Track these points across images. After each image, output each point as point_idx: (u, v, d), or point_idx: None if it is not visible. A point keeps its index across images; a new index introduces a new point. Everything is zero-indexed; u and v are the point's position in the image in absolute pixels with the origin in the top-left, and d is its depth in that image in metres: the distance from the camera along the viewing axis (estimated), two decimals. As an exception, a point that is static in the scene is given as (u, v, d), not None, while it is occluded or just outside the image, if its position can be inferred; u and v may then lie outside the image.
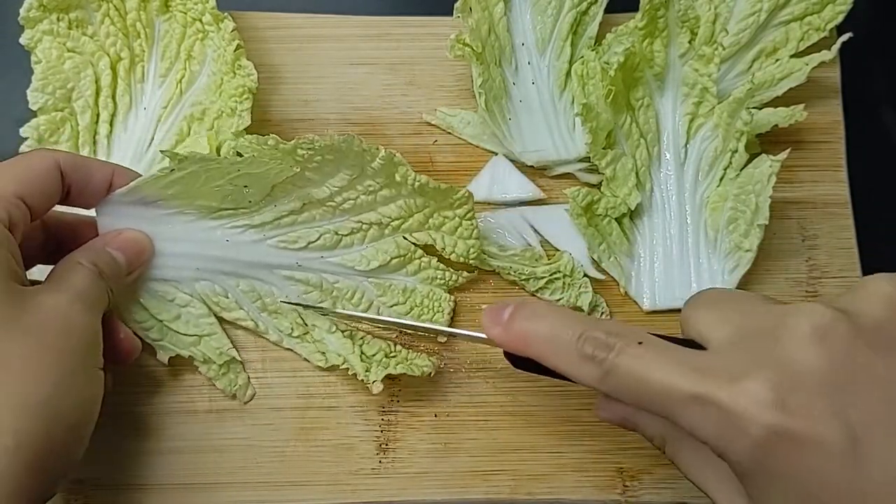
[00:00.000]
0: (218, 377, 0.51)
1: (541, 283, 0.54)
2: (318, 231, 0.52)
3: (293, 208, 0.51)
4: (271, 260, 0.52)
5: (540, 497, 0.51)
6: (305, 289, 0.52)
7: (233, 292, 0.52)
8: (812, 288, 0.56)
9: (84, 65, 0.56)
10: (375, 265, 0.52)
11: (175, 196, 0.49)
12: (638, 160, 0.56)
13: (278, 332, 0.52)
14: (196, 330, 0.51)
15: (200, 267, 0.51)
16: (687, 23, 0.56)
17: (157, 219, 0.49)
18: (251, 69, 0.55)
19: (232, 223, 0.51)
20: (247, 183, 0.50)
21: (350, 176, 0.51)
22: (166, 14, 0.58)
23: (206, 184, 0.49)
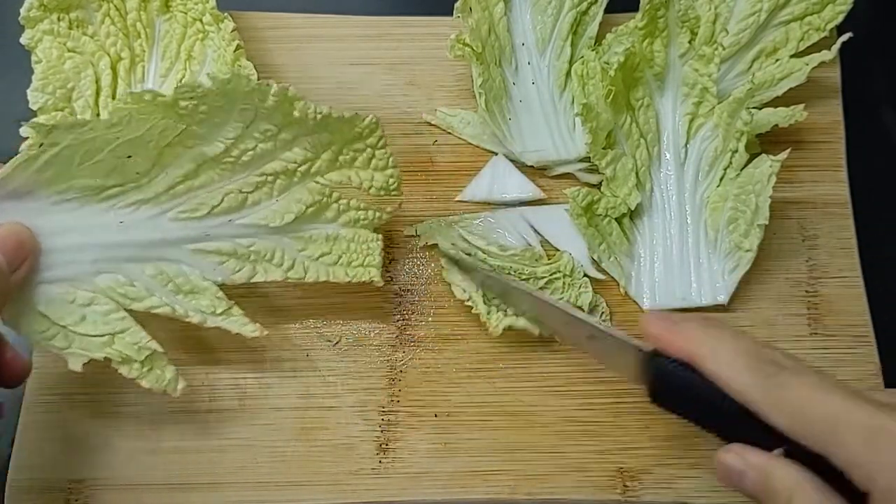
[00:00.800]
0: (142, 375, 0.46)
1: (541, 283, 0.54)
2: (221, 193, 0.47)
3: (187, 172, 0.46)
4: (174, 235, 0.47)
5: (540, 497, 0.51)
6: (220, 259, 0.48)
7: (139, 279, 0.46)
8: (812, 288, 0.56)
9: (84, 64, 0.56)
10: (290, 218, 0.48)
11: (52, 181, 0.44)
12: (638, 160, 0.56)
13: (200, 312, 0.47)
14: (106, 328, 0.45)
15: (97, 258, 0.45)
16: (687, 23, 0.56)
17: (36, 211, 0.44)
18: (251, 69, 0.55)
19: (122, 201, 0.46)
20: (129, 152, 0.44)
21: (242, 124, 0.45)
22: (167, 14, 0.58)
23: (84, 160, 0.44)
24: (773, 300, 0.56)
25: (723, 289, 0.54)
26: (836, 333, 0.55)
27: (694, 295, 0.55)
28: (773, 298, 0.56)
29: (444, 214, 0.57)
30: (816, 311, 0.55)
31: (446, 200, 0.58)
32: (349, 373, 0.53)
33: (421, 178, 0.58)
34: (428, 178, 0.58)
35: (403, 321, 0.55)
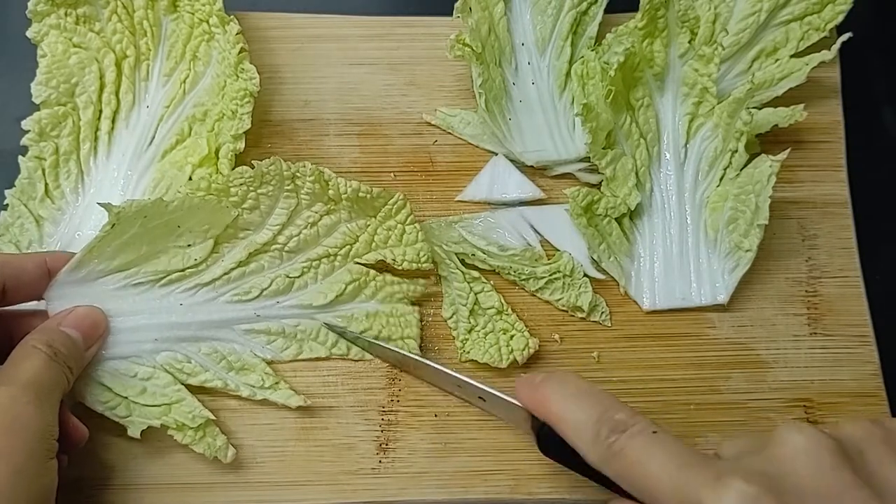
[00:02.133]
0: (195, 442, 0.49)
1: (541, 283, 0.54)
2: (270, 277, 0.52)
3: (240, 259, 0.51)
4: (228, 315, 0.51)
5: (540, 497, 0.51)
6: (268, 339, 0.52)
7: (195, 357, 0.51)
8: (812, 288, 0.56)
9: (89, 60, 0.56)
10: (332, 297, 0.52)
11: (120, 266, 0.49)
12: (638, 160, 0.56)
13: (249, 387, 0.51)
14: (164, 399, 0.49)
15: (158, 337, 0.50)
16: (687, 23, 0.56)
17: (106, 295, 0.49)
18: (253, 73, 0.55)
19: (182, 286, 0.50)
20: (189, 241, 0.50)
21: (286, 211, 0.51)
22: (174, 14, 0.58)
23: (148, 245, 0.49)
24: (773, 300, 0.56)
25: (723, 289, 0.54)
26: (835, 333, 0.55)
27: (694, 295, 0.55)
28: (773, 298, 0.56)
29: (444, 214, 0.57)
30: (816, 311, 0.55)
31: (446, 200, 0.58)
32: (349, 373, 0.53)
33: (421, 178, 0.58)
34: (428, 178, 0.58)
35: (403, 321, 0.55)
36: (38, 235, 0.54)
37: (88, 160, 0.56)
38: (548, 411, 0.41)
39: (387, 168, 0.58)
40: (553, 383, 0.42)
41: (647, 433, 0.38)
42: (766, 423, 0.53)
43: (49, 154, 0.55)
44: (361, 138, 0.59)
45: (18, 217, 0.54)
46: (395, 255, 0.52)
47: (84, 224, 0.55)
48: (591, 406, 0.40)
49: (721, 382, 0.54)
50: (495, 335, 0.53)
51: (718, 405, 0.53)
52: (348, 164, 0.58)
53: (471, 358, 0.53)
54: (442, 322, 0.54)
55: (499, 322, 0.53)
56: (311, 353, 0.52)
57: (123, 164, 0.56)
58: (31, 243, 0.54)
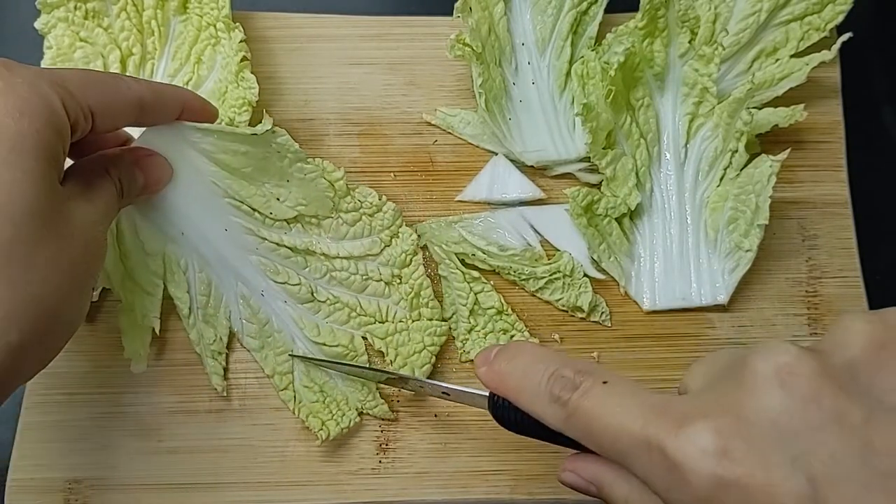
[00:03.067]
0: (128, 333, 0.51)
1: (541, 283, 0.54)
2: (301, 279, 0.52)
3: (297, 245, 0.51)
4: (245, 272, 0.51)
5: (540, 497, 0.51)
6: (250, 316, 0.52)
7: (191, 274, 0.51)
8: (812, 288, 0.56)
9: (94, 56, 0.56)
10: (321, 340, 0.51)
11: (223, 162, 0.48)
12: (638, 160, 0.56)
13: (200, 335, 0.51)
14: (142, 281, 0.50)
15: (186, 233, 0.50)
16: (687, 23, 0.56)
17: (191, 168, 0.48)
18: (253, 82, 0.55)
19: (243, 220, 0.50)
20: (282, 197, 0.50)
21: (366, 249, 0.52)
22: (183, 15, 0.58)
23: (255, 171, 0.49)
24: (773, 300, 0.56)
25: (723, 289, 0.54)
26: (836, 333, 0.55)
27: (694, 295, 0.55)
28: (773, 298, 0.56)
29: (444, 214, 0.57)
30: (816, 311, 0.55)
31: (446, 200, 0.58)
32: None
33: (421, 178, 0.58)
34: (428, 178, 0.58)
35: (403, 321, 0.55)
36: None
37: (89, 156, 0.56)
38: (506, 388, 0.39)
39: (387, 168, 0.58)
40: (505, 357, 0.40)
41: (598, 385, 0.35)
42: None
43: None
44: (361, 138, 0.59)
45: None
46: (396, 361, 0.52)
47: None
48: (542, 370, 0.37)
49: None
50: (495, 335, 0.53)
51: (718, 405, 0.53)
52: (348, 164, 0.58)
53: (470, 358, 0.53)
54: (442, 322, 0.54)
55: (499, 322, 0.53)
56: (262, 359, 0.52)
57: (123, 162, 0.56)
58: None
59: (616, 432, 0.33)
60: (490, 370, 0.40)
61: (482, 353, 0.41)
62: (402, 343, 0.52)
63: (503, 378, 0.39)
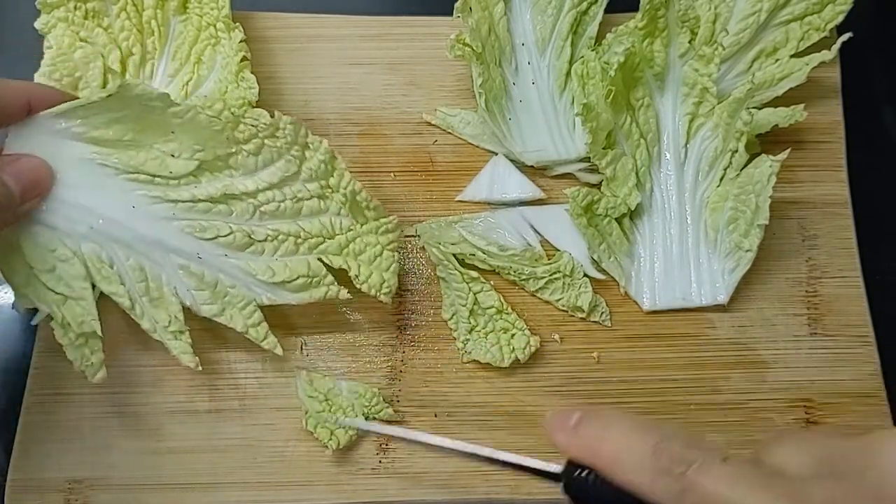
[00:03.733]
0: (71, 346, 0.47)
1: (541, 283, 0.54)
2: (231, 227, 0.48)
3: (213, 195, 0.48)
4: (172, 242, 0.48)
5: (540, 497, 0.51)
6: (197, 284, 0.48)
7: (119, 264, 0.47)
8: (812, 288, 0.56)
9: (94, 55, 0.56)
10: (279, 279, 0.49)
11: (97, 139, 0.45)
12: (638, 160, 0.56)
13: (153, 321, 0.48)
14: (65, 289, 0.46)
15: (95, 227, 0.46)
16: (687, 23, 0.56)
17: (68, 159, 0.45)
18: (253, 83, 0.55)
19: (146, 190, 0.47)
20: (175, 151, 0.47)
21: (283, 171, 0.49)
22: (183, 15, 0.58)
23: (135, 134, 0.46)
24: (773, 300, 0.56)
25: (723, 289, 0.54)
26: (836, 333, 0.55)
27: (694, 295, 0.55)
28: (773, 298, 0.56)
29: (444, 214, 0.57)
30: (816, 311, 0.55)
31: (446, 200, 0.58)
32: (349, 373, 0.53)
33: (421, 178, 0.58)
34: (428, 178, 0.58)
35: (403, 321, 0.55)
36: None
37: (86, 155, 0.56)
38: (595, 456, 0.36)
39: (387, 168, 0.58)
40: (594, 424, 0.37)
41: (717, 461, 0.34)
42: (766, 424, 0.53)
43: None
44: (361, 138, 0.59)
45: None
46: (361, 271, 0.50)
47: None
48: (643, 438, 0.35)
49: (721, 382, 0.54)
50: (496, 335, 0.53)
51: (718, 405, 0.53)
52: (348, 163, 0.57)
53: (472, 358, 0.53)
54: (441, 322, 0.54)
55: (499, 321, 0.53)
56: (228, 321, 0.49)
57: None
58: None
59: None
60: (576, 438, 0.37)
61: (558, 417, 0.38)
62: (360, 251, 0.50)
63: (595, 446, 0.36)
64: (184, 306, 0.49)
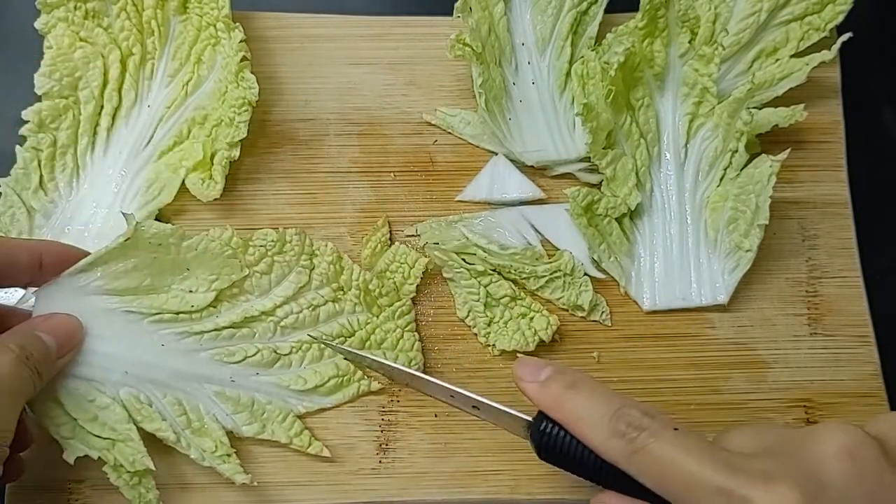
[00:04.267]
0: (126, 487, 0.47)
1: (541, 282, 0.54)
2: (257, 347, 0.50)
3: (234, 320, 0.50)
4: (205, 372, 0.49)
5: (540, 497, 0.51)
6: (234, 408, 0.50)
7: (157, 403, 0.49)
8: (812, 288, 0.56)
9: (94, 56, 0.56)
10: (311, 386, 0.51)
11: (119, 290, 0.48)
12: (638, 160, 0.56)
13: (200, 451, 0.49)
14: (111, 434, 0.47)
15: (129, 371, 0.48)
16: (687, 23, 0.56)
17: (94, 312, 0.47)
18: (253, 82, 0.55)
19: (170, 329, 0.49)
20: (193, 287, 0.49)
21: (296, 284, 0.51)
22: (184, 15, 0.58)
23: (153, 279, 0.48)
24: (773, 300, 0.56)
25: (723, 289, 0.54)
26: (836, 333, 0.55)
27: (694, 295, 0.55)
28: (773, 298, 0.56)
29: (444, 214, 0.57)
30: (816, 311, 0.55)
31: (446, 200, 0.58)
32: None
33: (421, 178, 0.58)
34: (428, 178, 0.58)
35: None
36: (28, 226, 0.54)
37: (85, 155, 0.56)
38: (559, 410, 0.41)
39: (387, 168, 0.58)
40: (562, 381, 0.41)
41: (669, 430, 0.37)
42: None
43: (46, 146, 0.55)
44: (361, 138, 0.59)
45: (10, 207, 0.54)
46: (388, 358, 0.52)
47: (75, 219, 0.55)
48: (606, 402, 0.39)
49: (721, 382, 0.54)
50: (515, 321, 0.53)
51: (718, 405, 0.53)
52: (348, 163, 0.58)
53: (500, 349, 0.53)
54: (441, 322, 0.54)
55: (515, 308, 0.53)
56: (271, 436, 0.50)
57: (119, 161, 0.56)
58: (20, 234, 0.54)
59: (689, 478, 0.36)
60: (545, 390, 0.41)
61: (526, 366, 0.43)
62: (381, 340, 0.52)
63: (560, 401, 0.41)
64: (227, 430, 0.50)
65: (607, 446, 0.38)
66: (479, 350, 0.54)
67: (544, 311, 0.53)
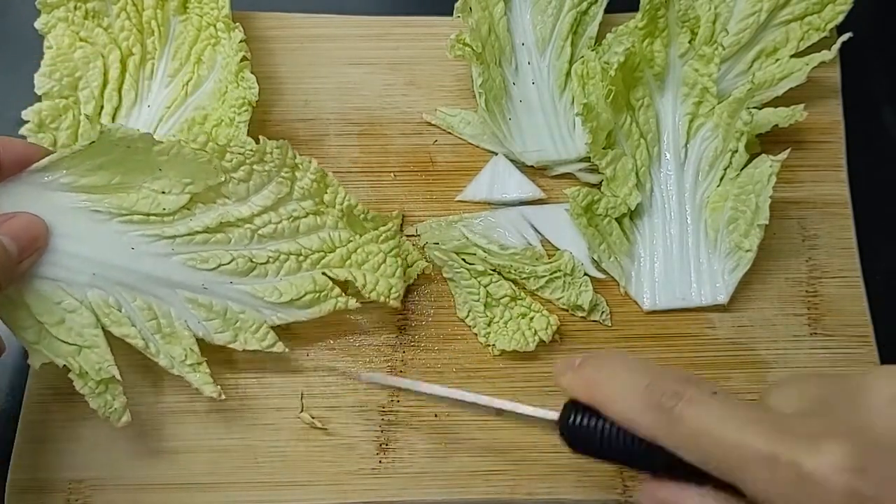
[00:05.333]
0: (92, 395, 0.46)
1: (541, 282, 0.54)
2: (232, 254, 0.49)
3: (209, 225, 0.48)
4: (176, 277, 0.48)
5: (540, 497, 0.51)
6: (207, 315, 0.49)
7: (126, 307, 0.47)
8: (812, 288, 0.56)
9: (94, 55, 0.56)
10: (287, 298, 0.49)
11: (86, 187, 0.46)
12: (638, 160, 0.56)
13: (170, 357, 0.48)
14: (78, 339, 0.46)
15: (97, 273, 0.46)
16: (687, 23, 0.56)
17: (60, 210, 0.45)
18: (253, 82, 0.55)
19: (142, 230, 0.47)
20: (165, 188, 0.47)
21: (276, 194, 0.49)
22: (184, 15, 0.58)
23: (123, 176, 0.46)
24: (773, 300, 0.56)
25: (723, 289, 0.54)
26: (836, 333, 0.55)
27: (694, 295, 0.55)
28: (773, 298, 0.56)
29: (444, 214, 0.57)
30: (816, 311, 0.55)
31: (446, 200, 0.58)
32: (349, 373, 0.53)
33: (421, 178, 0.58)
34: (428, 178, 0.58)
35: (403, 322, 0.55)
36: None
37: (84, 154, 0.56)
38: (595, 395, 0.38)
39: (387, 168, 0.58)
40: (595, 364, 0.39)
41: (707, 395, 0.35)
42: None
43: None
44: (361, 138, 0.59)
45: None
46: (367, 280, 0.50)
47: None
48: (638, 374, 0.37)
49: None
50: (515, 321, 0.53)
51: (718, 405, 0.53)
52: (348, 163, 0.58)
53: (500, 349, 0.53)
54: (441, 322, 0.54)
55: (515, 308, 0.53)
56: (244, 345, 0.49)
57: (119, 161, 0.56)
58: None
59: (731, 446, 0.33)
60: (577, 376, 0.39)
61: (563, 362, 0.41)
62: (363, 261, 0.51)
63: (592, 384, 0.38)
64: (197, 338, 0.49)
65: (644, 420, 0.36)
66: (479, 350, 0.54)
67: (544, 311, 0.53)
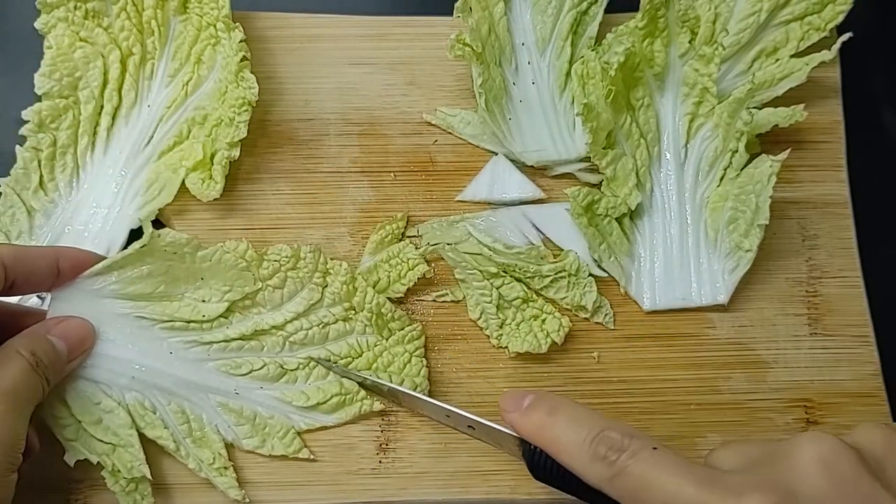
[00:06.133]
0: (122, 493, 0.48)
1: (546, 282, 0.54)
2: (264, 360, 0.50)
3: (244, 332, 0.50)
4: (210, 382, 0.50)
5: (540, 497, 0.51)
6: (237, 420, 0.50)
7: (161, 410, 0.49)
8: (812, 288, 0.56)
9: (94, 56, 0.56)
10: (313, 403, 0.50)
11: (133, 295, 0.48)
12: (638, 160, 0.56)
13: (198, 461, 0.49)
14: (113, 439, 0.48)
15: (136, 376, 0.48)
16: (687, 23, 0.56)
17: (107, 316, 0.48)
18: (253, 82, 0.55)
19: (180, 337, 0.49)
20: (206, 297, 0.49)
21: (308, 300, 0.51)
22: (183, 15, 0.58)
23: (167, 286, 0.49)
24: (773, 300, 0.56)
25: (723, 289, 0.54)
26: (836, 333, 0.55)
27: (694, 295, 0.55)
28: (773, 298, 0.56)
29: (444, 214, 0.57)
30: (816, 311, 0.55)
31: (446, 200, 0.58)
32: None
33: (421, 178, 0.58)
34: (428, 178, 0.58)
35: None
36: (28, 226, 0.54)
37: (85, 155, 0.56)
38: (540, 437, 0.41)
39: (387, 168, 0.58)
40: (542, 407, 0.42)
41: (648, 450, 0.38)
42: (766, 424, 0.53)
43: (46, 146, 0.55)
44: (361, 138, 0.59)
45: (10, 207, 0.54)
46: (393, 382, 0.51)
47: (75, 219, 0.55)
48: (586, 426, 0.40)
49: (721, 382, 0.54)
50: (527, 323, 0.53)
51: (718, 405, 0.53)
52: (348, 163, 0.58)
53: (513, 351, 0.53)
54: (441, 322, 0.54)
55: (527, 310, 0.53)
56: (271, 451, 0.50)
57: (119, 161, 0.56)
58: (20, 234, 0.54)
59: (669, 497, 0.36)
60: (526, 419, 0.42)
61: (510, 398, 0.43)
62: (388, 363, 0.52)
63: (540, 429, 0.41)
64: (226, 443, 0.50)
65: (589, 471, 0.39)
66: (479, 350, 0.54)
67: (556, 313, 0.53)
